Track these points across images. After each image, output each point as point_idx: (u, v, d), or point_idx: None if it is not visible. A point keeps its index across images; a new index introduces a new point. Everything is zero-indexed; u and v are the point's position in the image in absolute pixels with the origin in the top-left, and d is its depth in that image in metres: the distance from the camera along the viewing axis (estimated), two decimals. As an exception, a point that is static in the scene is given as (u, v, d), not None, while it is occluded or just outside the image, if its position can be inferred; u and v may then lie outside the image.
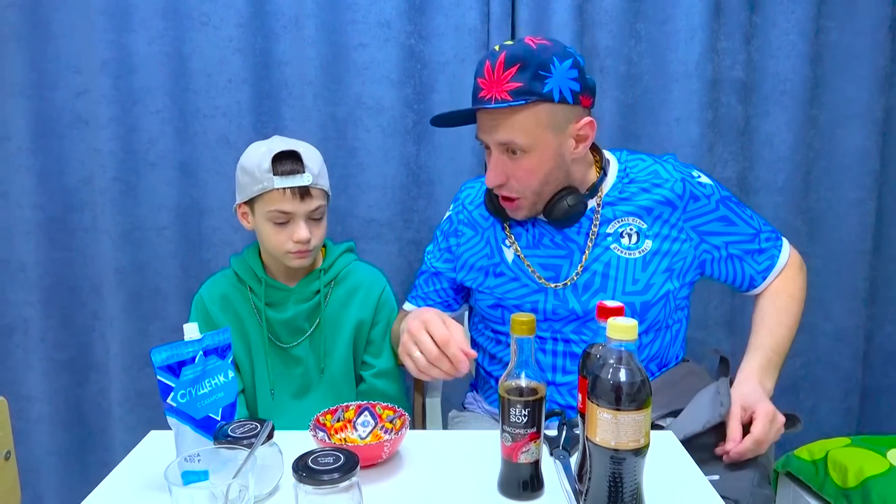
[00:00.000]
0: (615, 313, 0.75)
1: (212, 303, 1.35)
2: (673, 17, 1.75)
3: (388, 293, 1.41)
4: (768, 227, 1.31)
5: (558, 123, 1.11)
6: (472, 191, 1.37)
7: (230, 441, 0.81)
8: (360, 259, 1.44)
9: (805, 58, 1.77)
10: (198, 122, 1.74)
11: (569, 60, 1.10)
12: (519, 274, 1.24)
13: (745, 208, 1.30)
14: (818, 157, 1.84)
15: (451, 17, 1.73)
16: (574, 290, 1.20)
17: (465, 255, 1.32)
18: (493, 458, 0.85)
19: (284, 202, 1.23)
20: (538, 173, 1.13)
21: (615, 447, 0.69)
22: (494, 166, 1.15)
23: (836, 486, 1.34)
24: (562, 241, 1.22)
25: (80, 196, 1.79)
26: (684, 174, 1.24)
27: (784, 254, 1.30)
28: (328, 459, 0.75)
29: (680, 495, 0.82)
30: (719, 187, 1.28)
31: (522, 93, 1.07)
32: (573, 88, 1.10)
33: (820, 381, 1.91)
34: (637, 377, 0.69)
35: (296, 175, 1.22)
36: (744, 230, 1.27)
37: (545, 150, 1.12)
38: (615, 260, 1.18)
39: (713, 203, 1.24)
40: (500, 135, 1.10)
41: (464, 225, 1.34)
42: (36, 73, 1.71)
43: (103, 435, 1.87)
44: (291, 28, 1.71)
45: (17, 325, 1.82)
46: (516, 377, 0.80)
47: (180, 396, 0.85)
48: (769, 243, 1.29)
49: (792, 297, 1.29)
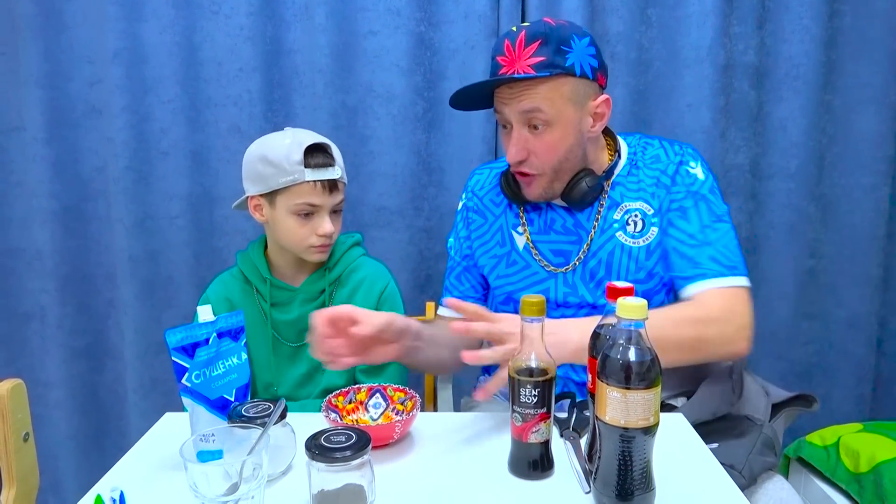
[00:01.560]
0: (625, 293, 0.75)
1: (217, 305, 1.34)
2: (684, 1, 1.74)
3: (392, 289, 1.36)
4: (731, 255, 1.12)
5: (579, 98, 1.11)
6: (482, 177, 1.36)
7: (244, 421, 0.82)
8: (367, 254, 1.41)
9: (819, 42, 1.75)
10: (209, 110, 1.75)
11: (587, 38, 1.11)
12: (530, 261, 1.24)
13: (718, 219, 1.15)
14: (832, 143, 1.82)
15: (461, 4, 1.72)
16: (583, 277, 1.20)
17: (476, 244, 1.32)
18: (504, 438, 0.86)
19: (314, 195, 1.22)
20: (559, 149, 1.13)
21: (625, 426, 0.69)
22: (516, 141, 1.14)
23: (848, 471, 1.34)
24: (573, 226, 1.22)
25: (94, 185, 1.81)
26: (682, 161, 1.20)
27: (722, 284, 1.09)
28: (340, 438, 0.76)
29: (690, 477, 0.82)
30: (708, 187, 1.18)
31: (546, 66, 1.07)
32: (592, 65, 1.11)
33: (833, 367, 1.90)
34: (647, 356, 0.69)
35: (327, 168, 1.21)
36: (692, 231, 1.14)
37: (567, 124, 1.11)
38: (619, 249, 1.18)
39: (684, 192, 1.17)
40: (524, 104, 1.10)
41: (473, 212, 1.34)
42: (50, 64, 1.73)
43: (119, 420, 1.90)
44: (302, 16, 1.72)
45: (34, 312, 1.85)
46: (526, 357, 0.80)
47: (195, 377, 0.86)
48: (712, 264, 1.11)
49: (678, 327, 1.02)
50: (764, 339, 1.89)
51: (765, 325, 1.89)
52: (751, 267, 1.84)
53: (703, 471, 0.84)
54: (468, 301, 1.30)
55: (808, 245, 1.85)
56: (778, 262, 1.85)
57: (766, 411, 1.07)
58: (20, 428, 0.95)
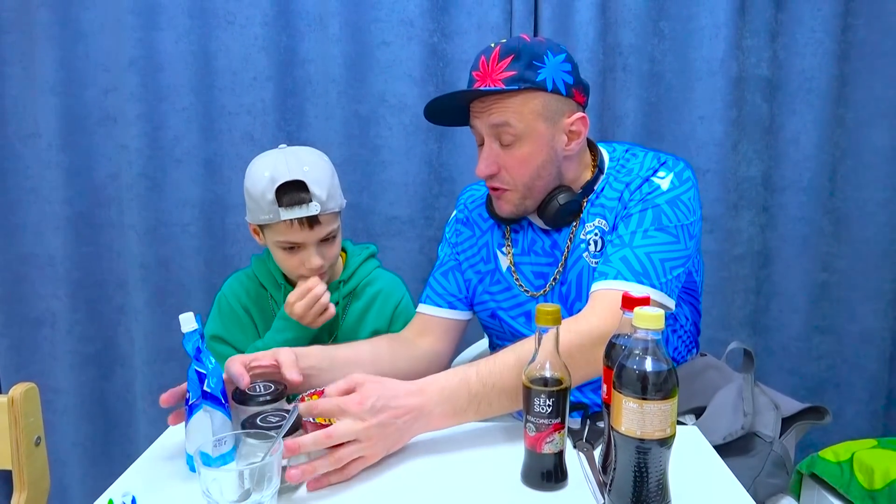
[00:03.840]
0: (641, 303, 0.75)
1: (234, 301, 1.34)
2: (697, 14, 1.75)
3: (407, 303, 1.35)
4: (651, 265, 1.05)
5: (550, 114, 1.10)
6: (476, 193, 1.36)
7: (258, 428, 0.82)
8: (381, 267, 1.39)
9: (832, 55, 1.76)
10: (223, 119, 1.77)
11: (562, 55, 1.11)
12: (511, 283, 1.23)
13: (660, 229, 1.07)
14: (844, 156, 1.82)
15: (473, 16, 1.73)
16: (560, 298, 1.19)
17: (461, 256, 1.32)
18: (516, 449, 0.85)
19: (292, 233, 1.17)
20: (530, 164, 1.12)
21: (641, 437, 0.68)
22: (486, 156, 1.13)
23: (861, 487, 1.32)
24: (550, 247, 1.20)
25: (107, 192, 1.82)
26: (654, 173, 1.13)
27: (613, 287, 1.03)
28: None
29: (706, 491, 0.81)
30: (667, 198, 1.10)
31: (516, 80, 1.07)
32: (566, 81, 1.10)
33: (846, 382, 1.89)
34: (663, 367, 0.68)
35: (303, 206, 1.14)
36: (622, 234, 1.10)
37: (537, 139, 1.10)
38: (587, 270, 1.15)
39: (637, 199, 1.11)
40: (494, 117, 1.10)
41: (462, 224, 1.34)
42: (66, 71, 1.74)
43: (127, 427, 1.90)
44: (316, 26, 1.73)
45: (45, 318, 1.86)
46: (540, 367, 0.80)
47: (214, 382, 0.86)
48: (620, 264, 1.05)
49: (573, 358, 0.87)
50: (775, 353, 1.88)
51: (777, 340, 1.88)
52: (762, 280, 1.86)
53: (718, 486, 0.83)
54: (452, 298, 1.30)
55: (821, 259, 1.84)
56: (790, 276, 1.84)
57: (775, 426, 1.05)
58: (32, 432, 0.95)
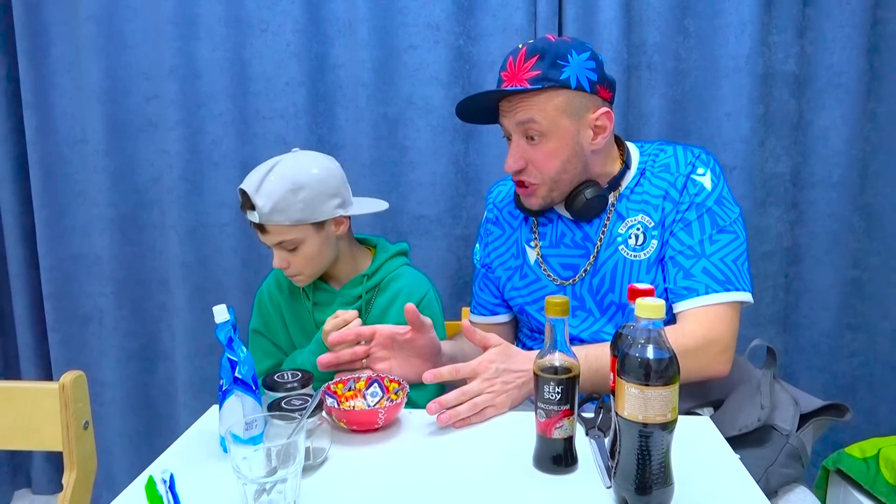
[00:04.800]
0: (645, 294, 0.77)
1: (268, 297, 1.41)
2: (722, 11, 1.75)
3: (431, 300, 1.37)
4: (728, 267, 1.12)
5: (575, 110, 1.14)
6: (504, 188, 1.40)
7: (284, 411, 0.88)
8: (409, 264, 1.43)
9: (861, 50, 1.74)
10: (258, 123, 1.84)
11: (587, 53, 1.14)
12: (540, 275, 1.27)
13: (720, 230, 1.15)
14: (876, 152, 1.79)
15: (498, 18, 1.77)
16: (590, 290, 1.22)
17: (492, 255, 1.36)
18: (530, 435, 0.89)
19: (256, 231, 1.28)
20: (556, 159, 1.16)
21: (643, 421, 0.71)
22: (514, 151, 1.18)
23: (887, 483, 1.31)
24: (581, 239, 1.24)
25: (149, 194, 1.91)
26: (692, 171, 1.19)
27: (709, 302, 1.10)
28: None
29: (714, 479, 0.83)
30: (714, 197, 1.17)
31: (540, 79, 1.12)
32: (590, 78, 1.14)
33: (879, 380, 1.86)
34: (665, 354, 0.71)
35: (250, 211, 1.24)
36: (691, 243, 1.15)
37: (563, 135, 1.15)
38: (622, 263, 1.19)
39: (688, 202, 1.17)
40: (519, 115, 1.15)
41: (493, 224, 1.38)
42: (110, 81, 1.84)
43: (169, 419, 1.99)
44: (345, 32, 1.79)
45: (93, 314, 1.96)
46: (550, 356, 0.83)
47: (245, 369, 0.92)
48: (704, 277, 1.12)
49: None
50: (805, 350, 1.87)
51: (807, 337, 1.87)
52: (792, 277, 1.85)
53: (727, 475, 0.85)
54: (491, 305, 1.39)
55: (852, 255, 1.82)
56: (820, 273, 1.83)
57: (793, 421, 1.06)
58: (80, 416, 1.02)
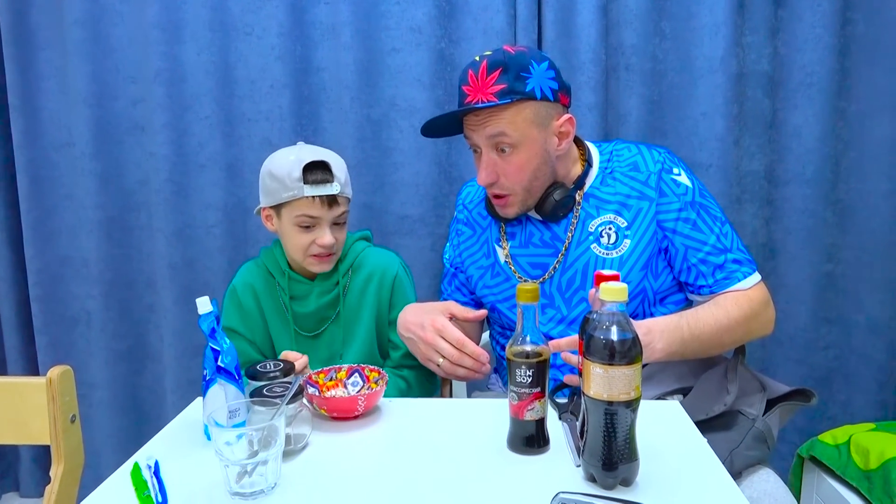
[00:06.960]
0: (610, 279, 0.81)
1: (244, 293, 1.43)
2: (697, 13, 1.79)
3: (402, 274, 1.44)
4: (743, 251, 1.24)
5: (542, 120, 1.17)
6: (472, 189, 1.44)
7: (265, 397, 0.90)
8: (372, 245, 1.48)
9: (832, 50, 1.78)
10: (243, 126, 1.87)
11: (545, 62, 1.18)
12: (509, 274, 1.30)
13: (721, 222, 1.24)
14: (847, 149, 1.84)
15: (479, 21, 1.81)
16: (559, 288, 1.25)
17: (464, 254, 1.39)
18: (503, 420, 0.92)
19: (313, 208, 1.29)
20: (527, 169, 1.19)
21: (608, 399, 0.75)
22: (486, 165, 1.20)
23: (857, 468, 1.35)
24: (549, 239, 1.27)
25: (136, 197, 1.93)
26: (663, 168, 1.24)
27: (747, 283, 1.21)
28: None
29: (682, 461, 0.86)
30: (698, 192, 1.24)
31: (507, 93, 1.14)
32: (552, 87, 1.17)
33: (853, 373, 1.90)
34: (628, 335, 0.75)
35: (326, 184, 1.28)
36: (711, 241, 1.22)
37: (532, 145, 1.18)
38: (594, 260, 1.23)
39: (681, 202, 1.22)
40: (489, 129, 1.17)
41: (463, 224, 1.41)
42: (97, 84, 1.87)
43: (158, 420, 2.00)
44: (329, 36, 1.82)
45: (80, 316, 1.98)
46: (522, 341, 0.86)
47: (228, 359, 0.94)
48: (735, 266, 1.22)
49: (731, 319, 1.16)
50: (782, 343, 1.91)
51: (783, 330, 1.90)
52: (768, 272, 1.89)
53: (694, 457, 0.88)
54: (461, 304, 1.37)
55: (826, 250, 1.86)
56: (795, 268, 1.87)
57: (760, 406, 1.09)
58: (67, 410, 1.04)
